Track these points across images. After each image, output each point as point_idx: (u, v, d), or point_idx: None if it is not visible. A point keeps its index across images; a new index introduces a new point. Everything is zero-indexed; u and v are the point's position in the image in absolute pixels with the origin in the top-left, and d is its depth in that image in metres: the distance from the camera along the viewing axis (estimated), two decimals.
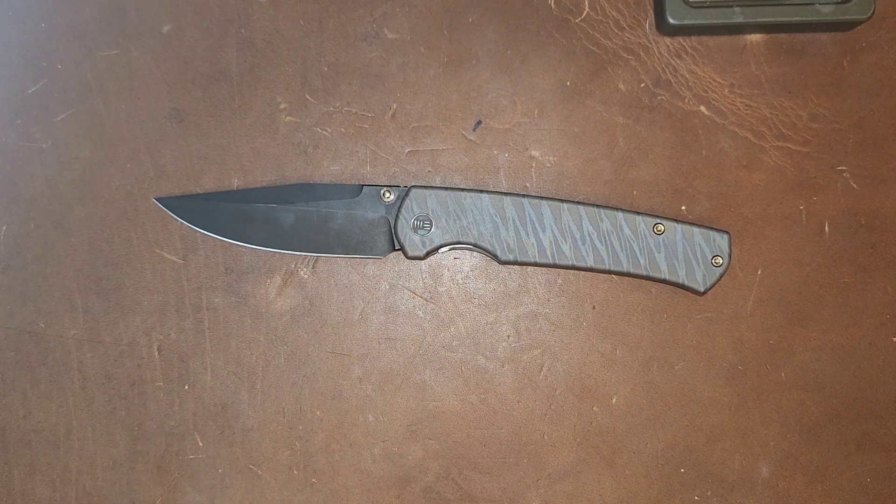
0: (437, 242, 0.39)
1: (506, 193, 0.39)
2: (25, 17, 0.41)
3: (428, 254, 0.39)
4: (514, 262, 0.39)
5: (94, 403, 0.41)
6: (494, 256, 0.39)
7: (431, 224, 0.39)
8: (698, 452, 0.41)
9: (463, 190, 0.39)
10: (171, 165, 0.41)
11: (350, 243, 0.40)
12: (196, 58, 0.41)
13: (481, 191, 0.39)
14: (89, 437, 0.41)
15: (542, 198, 0.39)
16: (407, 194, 0.39)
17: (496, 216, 0.39)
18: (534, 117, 0.41)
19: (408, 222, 0.39)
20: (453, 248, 0.40)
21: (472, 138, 0.41)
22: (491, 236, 0.39)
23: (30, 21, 0.41)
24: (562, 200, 0.39)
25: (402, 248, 0.39)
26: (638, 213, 0.39)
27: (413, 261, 0.41)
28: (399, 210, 0.39)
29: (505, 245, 0.39)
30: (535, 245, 0.39)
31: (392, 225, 0.39)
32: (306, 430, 0.41)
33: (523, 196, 0.39)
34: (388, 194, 0.39)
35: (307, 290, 0.41)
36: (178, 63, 0.41)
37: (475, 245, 0.39)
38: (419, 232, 0.39)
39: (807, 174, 0.41)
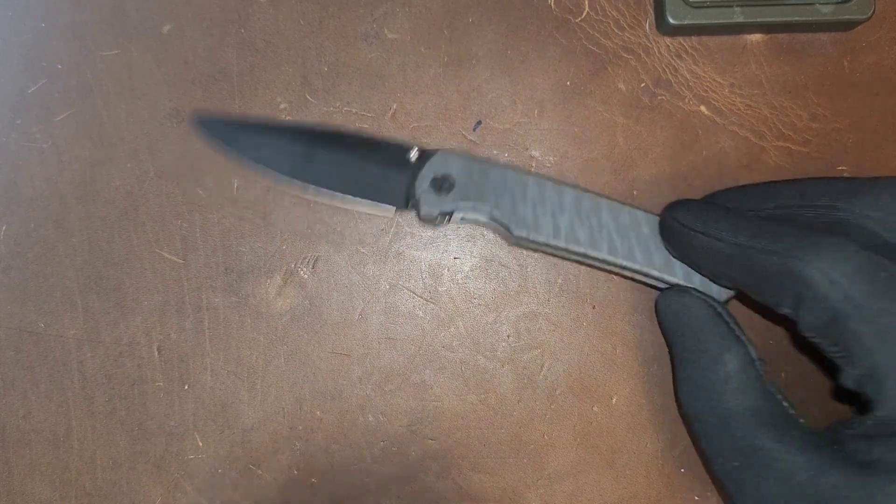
0: (452, 206, 0.38)
1: (530, 173, 0.38)
2: (25, 17, 0.41)
3: (441, 216, 0.38)
4: (526, 241, 0.38)
5: (94, 403, 0.41)
6: (507, 230, 0.38)
7: (452, 186, 0.38)
8: None
9: (489, 162, 0.39)
10: (171, 165, 0.41)
11: (364, 188, 0.39)
12: (196, 58, 0.41)
13: (507, 166, 0.38)
14: (89, 437, 0.41)
15: (565, 184, 0.38)
16: (433, 155, 0.38)
17: (517, 193, 0.38)
18: (534, 117, 0.41)
19: (427, 179, 0.38)
20: (465, 220, 0.39)
21: (472, 138, 0.41)
22: (508, 210, 0.38)
23: (30, 21, 0.41)
24: (585, 190, 0.38)
25: (416, 206, 0.38)
26: (659, 216, 0.38)
27: (424, 223, 0.40)
28: (422, 168, 0.38)
29: (521, 219, 0.38)
30: (552, 225, 0.37)
31: (412, 179, 0.38)
32: (306, 430, 0.41)
33: (547, 179, 0.38)
34: (413, 152, 0.39)
35: (307, 290, 0.41)
36: (178, 63, 0.41)
37: (490, 216, 0.38)
38: (438, 193, 0.38)
39: (807, 174, 0.41)
